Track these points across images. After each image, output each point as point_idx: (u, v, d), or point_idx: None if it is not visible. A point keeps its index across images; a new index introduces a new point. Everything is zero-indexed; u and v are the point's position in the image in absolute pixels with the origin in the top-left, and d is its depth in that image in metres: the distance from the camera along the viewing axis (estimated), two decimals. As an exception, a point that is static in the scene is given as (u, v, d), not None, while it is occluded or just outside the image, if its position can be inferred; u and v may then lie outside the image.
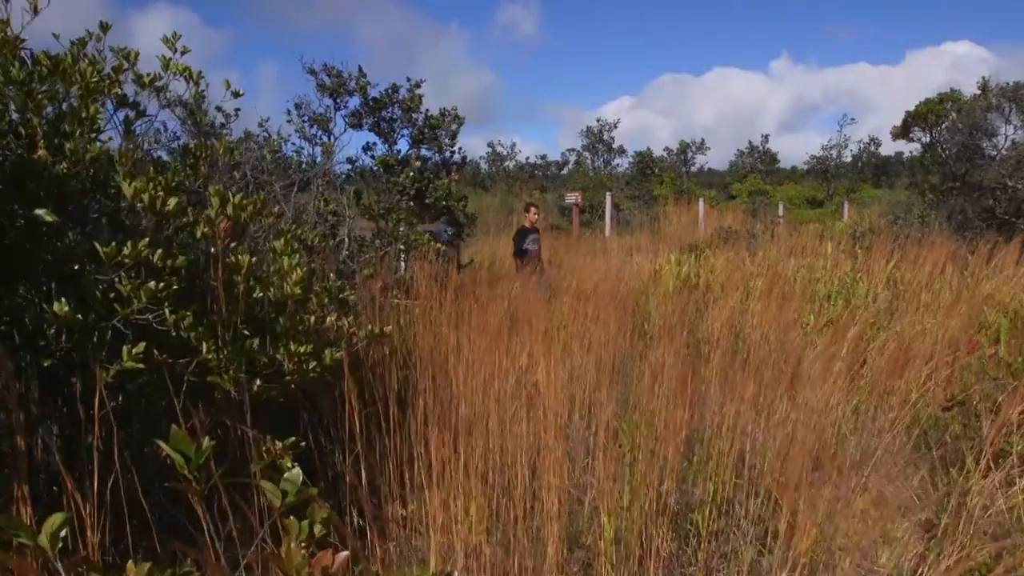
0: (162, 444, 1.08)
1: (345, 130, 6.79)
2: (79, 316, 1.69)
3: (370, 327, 2.95)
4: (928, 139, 15.12)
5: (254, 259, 2.41)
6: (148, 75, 2.74)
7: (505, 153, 29.19)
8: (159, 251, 1.82)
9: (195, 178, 3.22)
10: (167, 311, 1.83)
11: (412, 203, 6.84)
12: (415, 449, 2.77)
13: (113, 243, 1.75)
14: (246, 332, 2.32)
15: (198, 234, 2.39)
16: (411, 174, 6.37)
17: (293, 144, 8.05)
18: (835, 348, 4.38)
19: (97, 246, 1.74)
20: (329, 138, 6.60)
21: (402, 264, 6.93)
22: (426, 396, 3.02)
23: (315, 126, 6.71)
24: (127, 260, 1.74)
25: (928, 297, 7.51)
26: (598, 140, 25.78)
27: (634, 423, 3.22)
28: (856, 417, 4.19)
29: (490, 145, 31.24)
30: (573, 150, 29.52)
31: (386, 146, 7.01)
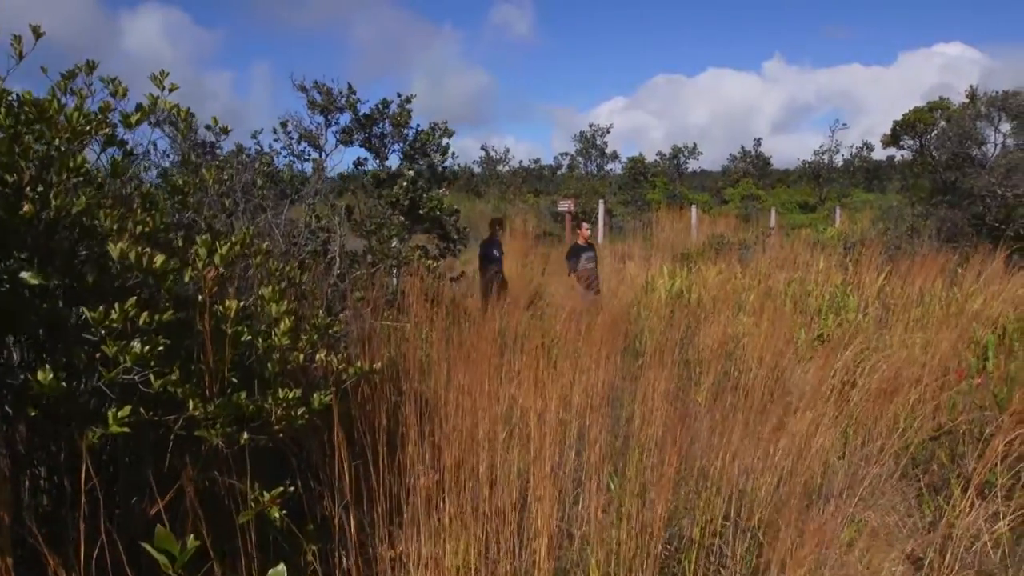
0: (147, 547, 1.08)
1: (336, 146, 6.79)
2: (63, 384, 1.68)
3: (359, 363, 2.95)
4: (918, 147, 15.21)
5: (242, 303, 2.40)
6: (135, 115, 2.74)
7: (498, 157, 29.21)
8: (145, 313, 1.82)
9: (184, 210, 3.22)
10: (152, 376, 1.83)
11: (404, 217, 6.84)
12: (404, 490, 2.77)
13: (100, 307, 1.74)
14: (234, 380, 2.31)
15: (186, 278, 2.38)
16: (404, 184, 6.37)
17: (284, 157, 8.07)
18: (825, 372, 4.40)
19: (85, 311, 1.74)
20: (320, 154, 6.60)
21: (394, 280, 6.93)
22: (416, 433, 3.03)
23: (305, 142, 6.71)
24: (115, 324, 1.74)
25: (918, 312, 7.55)
26: (591, 145, 25.82)
27: (623, 476, 3.23)
28: (845, 443, 4.21)
29: (483, 148, 31.30)
30: (566, 154, 29.56)
31: (377, 161, 7.01)
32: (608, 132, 26.05)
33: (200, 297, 2.29)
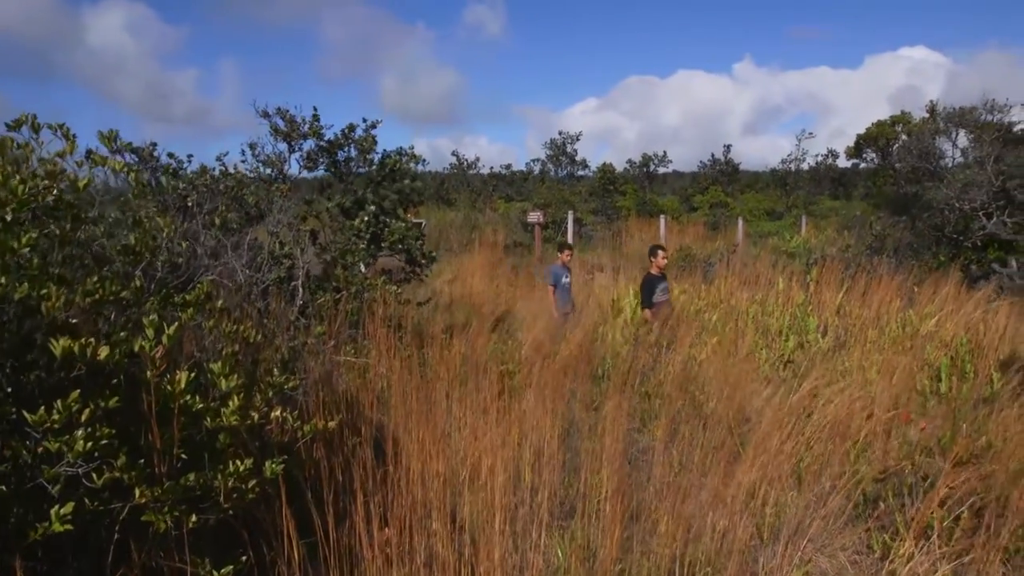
0: None
1: (300, 172, 6.77)
2: (2, 487, 1.68)
3: (314, 421, 2.96)
4: (880, 160, 15.60)
5: (192, 374, 2.40)
6: (83, 179, 2.73)
7: (469, 163, 29.24)
8: (88, 409, 1.82)
9: (137, 263, 3.20)
10: (94, 475, 1.83)
11: (368, 245, 6.84)
12: (359, 548, 2.79)
13: (42, 407, 1.75)
14: (184, 456, 2.32)
15: (136, 348, 2.38)
16: (366, 219, 6.37)
17: (252, 180, 8.01)
18: (781, 415, 4.49)
19: (26, 414, 1.74)
20: (283, 180, 6.57)
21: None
22: (371, 489, 3.05)
23: (269, 168, 6.68)
24: (56, 424, 1.74)
25: (875, 334, 7.72)
26: (561, 152, 25.93)
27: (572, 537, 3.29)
28: (799, 480, 4.30)
29: (454, 154, 31.34)
30: (538, 160, 29.68)
31: (343, 186, 7.00)
32: (578, 139, 26.22)
33: (149, 373, 2.29)
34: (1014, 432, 4.44)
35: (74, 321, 2.46)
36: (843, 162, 30.58)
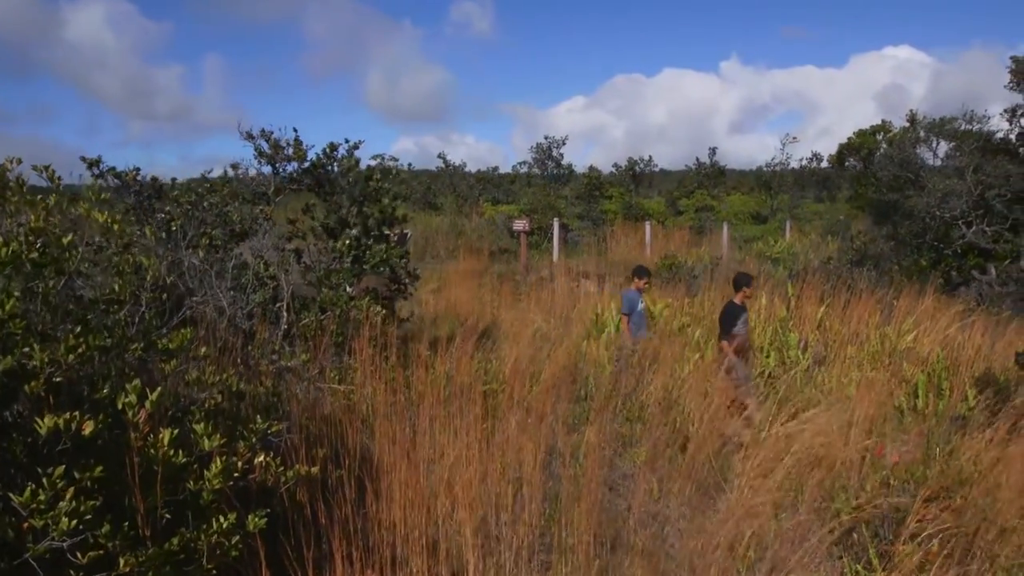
0: None
1: (284, 192, 6.79)
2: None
3: (297, 467, 3.00)
4: (863, 168, 15.78)
5: (175, 431, 2.44)
6: (68, 236, 2.76)
7: (455, 165, 29.27)
8: (72, 488, 1.86)
9: (119, 310, 3.22)
10: (79, 553, 1.87)
11: (351, 266, 6.86)
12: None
13: (28, 489, 1.78)
14: (167, 515, 2.36)
15: (119, 404, 2.41)
16: (347, 242, 6.40)
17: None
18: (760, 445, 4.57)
19: (12, 496, 1.77)
20: (267, 202, 6.59)
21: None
22: (353, 530, 3.10)
23: (253, 188, 6.70)
24: (42, 505, 1.78)
25: (854, 350, 7.84)
26: (547, 156, 26.02)
27: None
28: (776, 512, 4.38)
29: (440, 156, 31.30)
30: (525, 163, 29.76)
31: (326, 205, 7.02)
32: (564, 144, 26.32)
33: (133, 434, 2.32)
34: (985, 460, 4.55)
35: (58, 380, 2.49)
36: (827, 162, 30.84)
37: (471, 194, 24.96)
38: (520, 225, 15.97)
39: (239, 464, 2.81)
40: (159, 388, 2.28)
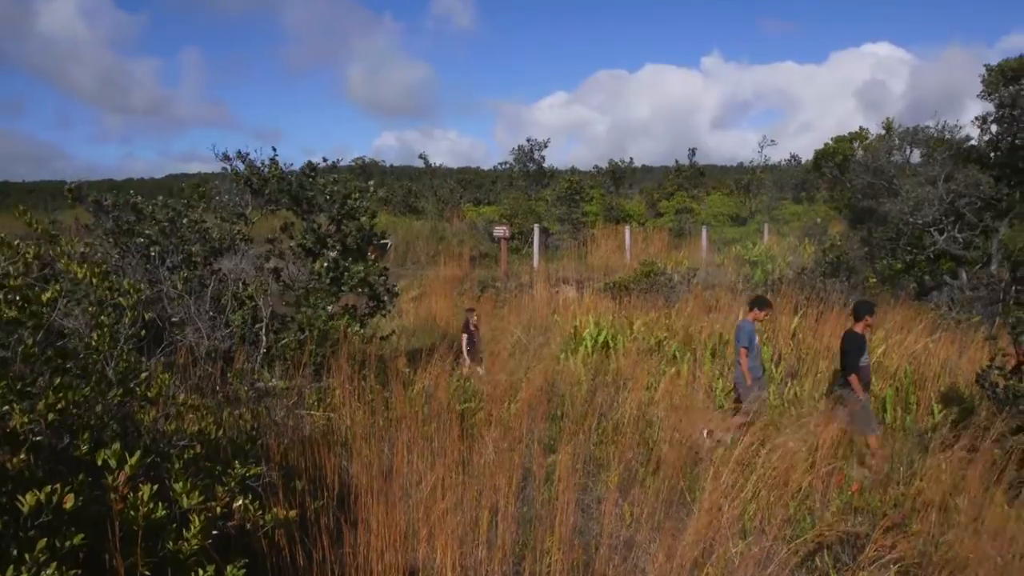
0: None
1: (262, 213, 6.83)
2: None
3: (275, 511, 3.07)
4: (839, 174, 16.04)
5: (154, 487, 2.51)
6: (50, 290, 2.82)
7: (436, 166, 29.29)
8: (53, 564, 1.93)
9: (98, 357, 3.28)
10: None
11: (330, 286, 6.92)
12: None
13: (10, 568, 1.85)
14: (147, 574, 2.43)
15: (99, 460, 2.48)
16: (325, 264, 6.47)
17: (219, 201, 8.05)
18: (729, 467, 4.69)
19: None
20: (245, 222, 6.63)
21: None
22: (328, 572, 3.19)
23: (231, 204, 6.74)
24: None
25: (825, 364, 8.01)
26: (528, 159, 26.11)
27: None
28: (743, 532, 4.51)
29: (422, 157, 31.32)
30: (506, 163, 29.83)
31: (305, 223, 7.07)
32: (546, 146, 26.42)
33: (113, 496, 2.39)
34: (946, 482, 4.71)
35: (38, 439, 2.55)
36: (803, 167, 31.14)
37: (452, 197, 25.00)
38: (500, 231, 16.06)
39: (218, 510, 2.89)
40: (138, 452, 2.35)
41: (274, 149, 6.81)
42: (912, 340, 8.28)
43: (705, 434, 6.48)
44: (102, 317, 3.01)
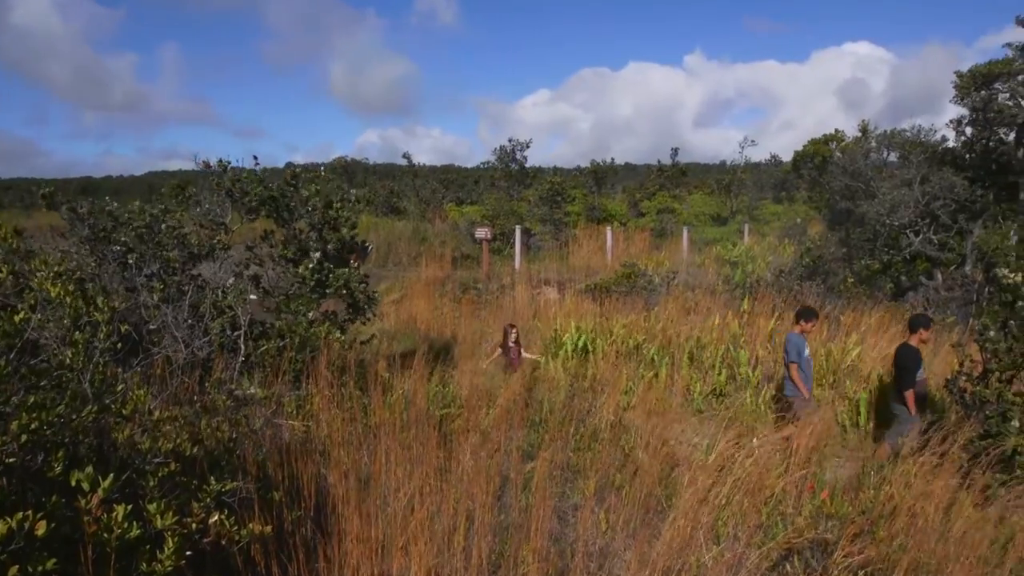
0: None
1: (242, 222, 6.82)
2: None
3: (251, 526, 3.10)
4: (817, 175, 16.27)
5: (129, 507, 2.53)
6: (22, 312, 2.82)
7: (419, 166, 29.24)
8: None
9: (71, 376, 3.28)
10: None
11: (313, 290, 6.93)
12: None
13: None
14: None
15: (72, 481, 2.50)
16: (310, 266, 6.48)
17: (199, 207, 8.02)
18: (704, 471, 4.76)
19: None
20: (225, 231, 6.62)
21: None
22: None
23: (211, 214, 6.73)
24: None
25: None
26: (510, 159, 26.16)
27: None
28: (717, 538, 4.59)
29: (405, 156, 31.27)
30: (488, 163, 29.84)
31: (285, 232, 7.07)
32: (528, 147, 26.48)
33: (85, 520, 2.41)
34: (915, 489, 4.80)
35: (11, 461, 2.56)
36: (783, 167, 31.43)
37: (434, 198, 24.99)
38: (482, 233, 16.09)
39: (193, 526, 2.91)
40: (111, 475, 2.37)
41: (255, 159, 6.82)
42: (886, 343, 8.41)
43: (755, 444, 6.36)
44: (76, 333, 3.01)
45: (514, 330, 9.11)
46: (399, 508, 4.41)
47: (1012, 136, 14.15)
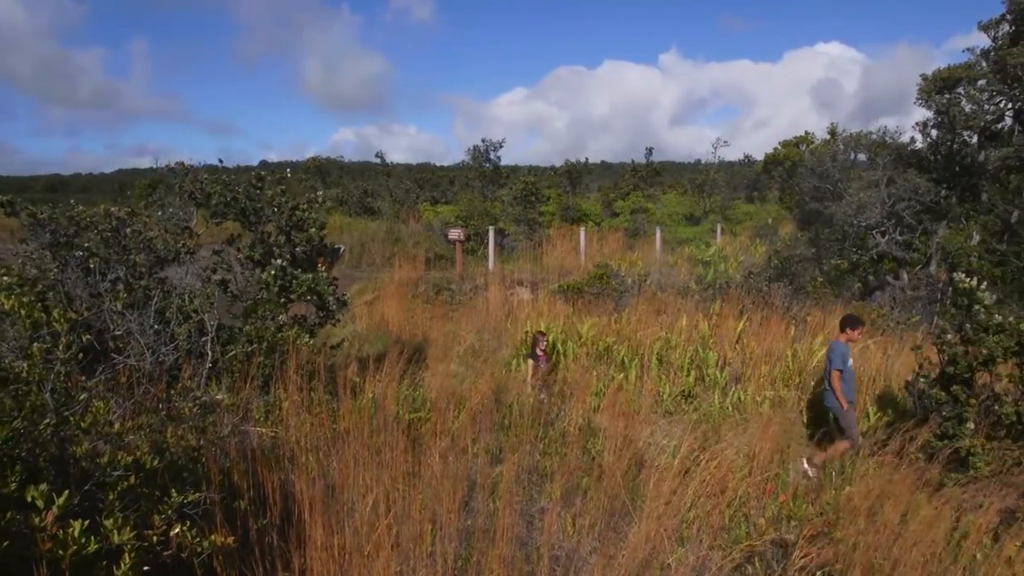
0: None
1: (207, 225, 6.77)
2: None
3: (213, 537, 3.09)
4: (787, 177, 16.55)
5: (86, 523, 2.52)
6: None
7: (392, 165, 29.15)
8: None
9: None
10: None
11: (278, 295, 6.90)
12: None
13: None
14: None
15: (28, 497, 2.49)
16: (273, 272, 6.45)
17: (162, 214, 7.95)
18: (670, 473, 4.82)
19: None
20: (190, 235, 6.57)
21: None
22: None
23: (176, 217, 6.67)
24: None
25: (766, 369, 8.24)
26: (484, 159, 26.17)
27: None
28: (681, 539, 4.66)
29: (379, 156, 31.15)
30: (463, 163, 29.83)
31: (252, 235, 7.03)
32: (501, 146, 26.52)
33: (39, 537, 2.40)
34: (875, 487, 4.91)
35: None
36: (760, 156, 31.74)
37: (408, 198, 24.93)
38: (455, 234, 16.09)
39: (154, 539, 2.90)
40: (66, 492, 2.36)
41: (220, 161, 6.78)
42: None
43: (805, 464, 6.30)
44: (34, 345, 2.99)
45: (544, 338, 8.39)
46: (365, 514, 4.42)
47: (975, 139, 14.47)
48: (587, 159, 29.21)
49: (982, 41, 14.05)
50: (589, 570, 4.50)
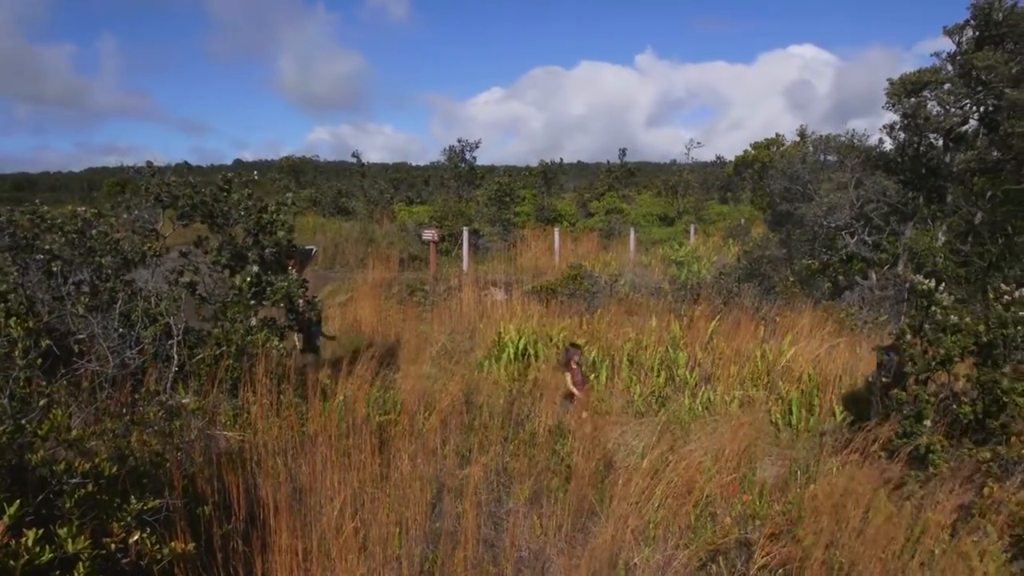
0: None
1: (174, 228, 6.71)
2: None
3: (174, 544, 3.07)
4: (758, 179, 16.76)
5: (40, 531, 2.49)
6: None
7: (368, 166, 29.02)
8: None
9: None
10: None
11: (251, 299, 6.85)
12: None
13: None
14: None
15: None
16: (247, 279, 6.40)
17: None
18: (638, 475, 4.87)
19: None
20: (156, 237, 6.50)
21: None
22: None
23: (143, 221, 6.60)
24: None
25: (735, 369, 8.34)
26: (460, 159, 26.16)
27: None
28: (647, 540, 4.70)
29: (355, 156, 30.99)
30: (438, 163, 29.80)
31: (220, 238, 6.97)
32: (477, 147, 26.52)
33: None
34: (837, 485, 4.99)
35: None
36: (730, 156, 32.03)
37: (382, 199, 24.84)
38: (429, 235, 16.06)
39: (112, 546, 2.88)
40: (17, 502, 2.34)
41: (187, 163, 6.72)
42: (817, 343, 8.69)
43: None
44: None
45: (578, 352, 7.61)
46: (332, 517, 4.41)
47: (940, 142, 14.72)
48: (562, 159, 29.38)
49: (948, 46, 14.29)
50: (555, 571, 4.53)
